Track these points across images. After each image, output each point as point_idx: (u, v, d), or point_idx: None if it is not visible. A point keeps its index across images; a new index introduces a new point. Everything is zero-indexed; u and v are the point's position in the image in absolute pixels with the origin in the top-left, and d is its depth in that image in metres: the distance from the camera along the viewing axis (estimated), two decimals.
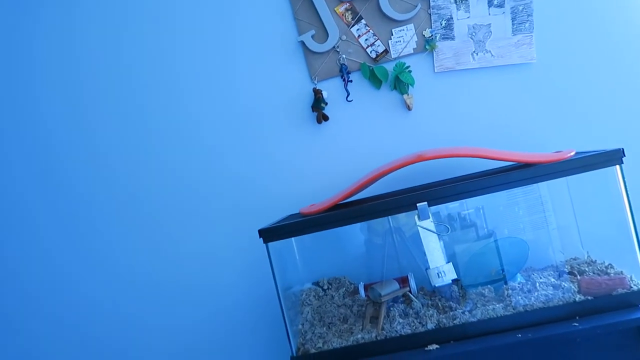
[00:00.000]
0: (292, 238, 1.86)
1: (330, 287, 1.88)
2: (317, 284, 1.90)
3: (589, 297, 1.51)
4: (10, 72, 2.18)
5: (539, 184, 1.59)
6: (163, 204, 2.13)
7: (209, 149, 2.10)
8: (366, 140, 2.03)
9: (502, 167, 1.82)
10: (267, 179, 2.07)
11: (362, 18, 2.00)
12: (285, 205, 2.02)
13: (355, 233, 1.91)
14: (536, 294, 1.55)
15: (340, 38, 2.01)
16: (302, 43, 2.01)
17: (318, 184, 2.03)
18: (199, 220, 2.12)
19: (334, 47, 2.01)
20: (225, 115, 2.09)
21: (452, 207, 1.73)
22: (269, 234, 1.64)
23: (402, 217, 1.77)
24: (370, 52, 2.00)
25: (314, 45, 2.00)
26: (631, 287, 1.50)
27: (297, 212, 1.89)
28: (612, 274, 1.57)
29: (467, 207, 1.74)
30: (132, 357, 2.18)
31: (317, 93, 2.00)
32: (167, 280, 2.14)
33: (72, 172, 2.17)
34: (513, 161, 1.63)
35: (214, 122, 2.10)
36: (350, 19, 2.00)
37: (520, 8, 1.94)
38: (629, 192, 1.49)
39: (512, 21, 1.95)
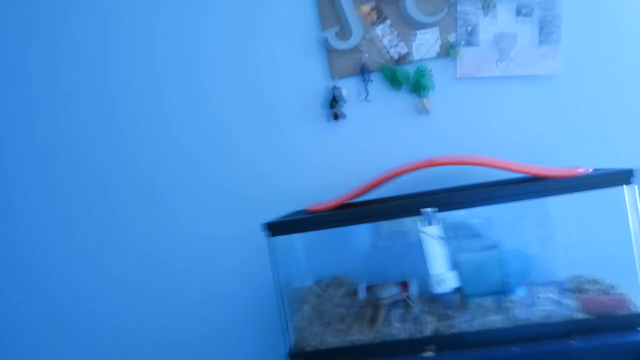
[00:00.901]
0: (296, 234, 1.86)
1: (330, 286, 1.88)
2: (317, 282, 1.90)
3: (589, 316, 1.49)
4: (35, 56, 2.21)
5: (548, 198, 1.57)
6: (168, 192, 2.16)
7: (221, 139, 2.11)
8: (381, 141, 2.02)
9: (513, 178, 1.79)
10: (277, 172, 2.08)
11: (387, 18, 1.99)
12: (293, 200, 2.02)
13: (359, 233, 1.90)
14: (536, 308, 1.54)
15: (363, 37, 2.00)
16: (325, 39, 2.01)
17: (328, 181, 2.03)
18: (205, 207, 2.13)
19: (356, 45, 2.00)
20: (242, 105, 2.10)
21: (459, 215, 1.72)
22: (274, 228, 1.65)
23: (408, 221, 1.76)
24: (393, 53, 1.99)
25: (336, 42, 2.00)
26: (632, 310, 1.48)
27: (302, 208, 1.90)
28: (614, 295, 1.55)
29: (474, 216, 1.73)
30: (127, 345, 2.23)
31: (336, 90, 2.00)
32: (167, 268, 2.17)
33: (90, 159, 2.21)
34: (524, 173, 1.61)
35: (229, 113, 2.10)
36: (374, 19, 1.99)
37: (549, 19, 1.91)
38: (638, 214, 1.46)
39: (540, 32, 1.92)
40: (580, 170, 1.56)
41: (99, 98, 2.18)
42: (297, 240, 1.90)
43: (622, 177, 1.45)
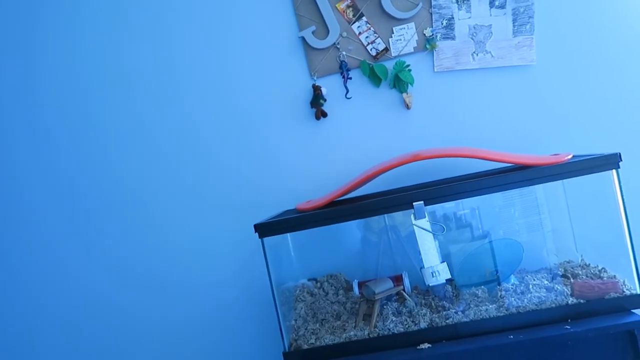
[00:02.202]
0: (288, 233, 1.86)
1: (325, 284, 1.87)
2: (312, 280, 1.90)
3: (582, 300, 1.52)
4: (13, 67, 2.18)
5: (535, 186, 1.60)
6: (160, 196, 2.14)
7: (206, 143, 2.10)
8: (364, 137, 2.03)
9: (499, 168, 1.82)
10: (264, 174, 2.07)
11: (363, 15, 1.99)
12: (281, 201, 2.02)
13: (351, 230, 1.91)
14: (529, 295, 1.56)
15: (340, 35, 2.00)
16: (303, 39, 2.01)
17: (315, 181, 2.03)
18: (195, 213, 2.12)
19: (334, 43, 2.01)
20: (224, 109, 2.09)
21: (448, 207, 1.74)
22: (264, 229, 1.64)
23: (398, 215, 1.77)
24: (371, 49, 2.00)
25: (314, 42, 2.00)
26: (624, 292, 1.51)
27: (294, 207, 1.89)
28: (605, 278, 1.58)
29: (463, 207, 1.75)
30: (126, 349, 2.19)
31: (317, 89, 2.00)
32: (162, 273, 2.15)
33: (72, 167, 2.18)
34: (510, 163, 1.63)
35: (211, 116, 2.10)
36: (351, 16, 2.00)
37: (522, 10, 1.94)
38: (624, 197, 1.49)
39: (513, 23, 1.95)
40: (561, 156, 1.59)
41: (76, 106, 2.16)
42: (290, 240, 1.90)
43: (609, 162, 1.48)
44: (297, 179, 2.05)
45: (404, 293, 1.68)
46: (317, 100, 2.00)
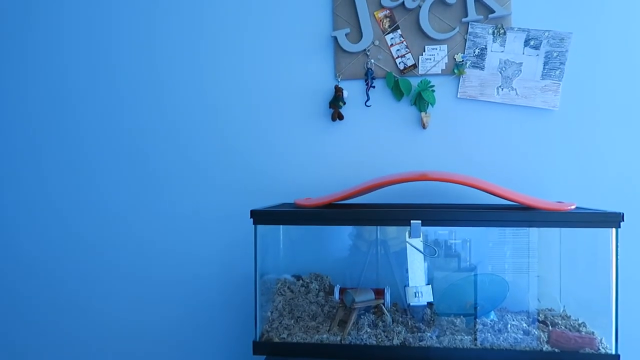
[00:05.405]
0: (281, 226, 1.87)
1: (309, 282, 1.88)
2: (296, 276, 1.91)
3: (556, 350, 1.52)
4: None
5: (531, 229, 1.60)
6: (169, 168, 2.17)
7: (217, 122, 2.13)
8: (375, 147, 2.03)
9: (501, 204, 1.81)
10: (268, 163, 2.08)
11: (398, 28, 2.00)
12: (281, 193, 2.04)
13: (342, 235, 1.91)
14: (506, 334, 1.56)
15: (373, 42, 2.01)
16: (335, 39, 2.01)
17: (319, 180, 2.03)
18: (197, 188, 2.14)
19: (364, 49, 2.01)
20: (242, 92, 2.10)
21: (441, 233, 1.74)
22: (259, 217, 1.65)
23: (391, 231, 1.78)
24: (399, 63, 2.01)
25: (345, 44, 2.01)
26: (599, 349, 1.51)
27: (292, 202, 1.90)
28: (583, 332, 1.58)
29: (455, 237, 1.75)
30: (109, 308, 2.24)
31: (338, 91, 2.01)
32: (155, 240, 2.18)
33: (91, 155, 2.24)
34: (515, 201, 1.63)
35: (227, 96, 2.12)
36: (387, 26, 2.00)
37: (555, 54, 1.94)
38: (619, 257, 1.49)
39: (544, 65, 1.95)
40: (564, 204, 1.59)
41: (100, 88, 2.22)
42: (283, 233, 1.90)
43: (611, 220, 1.48)
44: (301, 174, 2.06)
45: (383, 307, 1.68)
46: (336, 101, 2.01)
